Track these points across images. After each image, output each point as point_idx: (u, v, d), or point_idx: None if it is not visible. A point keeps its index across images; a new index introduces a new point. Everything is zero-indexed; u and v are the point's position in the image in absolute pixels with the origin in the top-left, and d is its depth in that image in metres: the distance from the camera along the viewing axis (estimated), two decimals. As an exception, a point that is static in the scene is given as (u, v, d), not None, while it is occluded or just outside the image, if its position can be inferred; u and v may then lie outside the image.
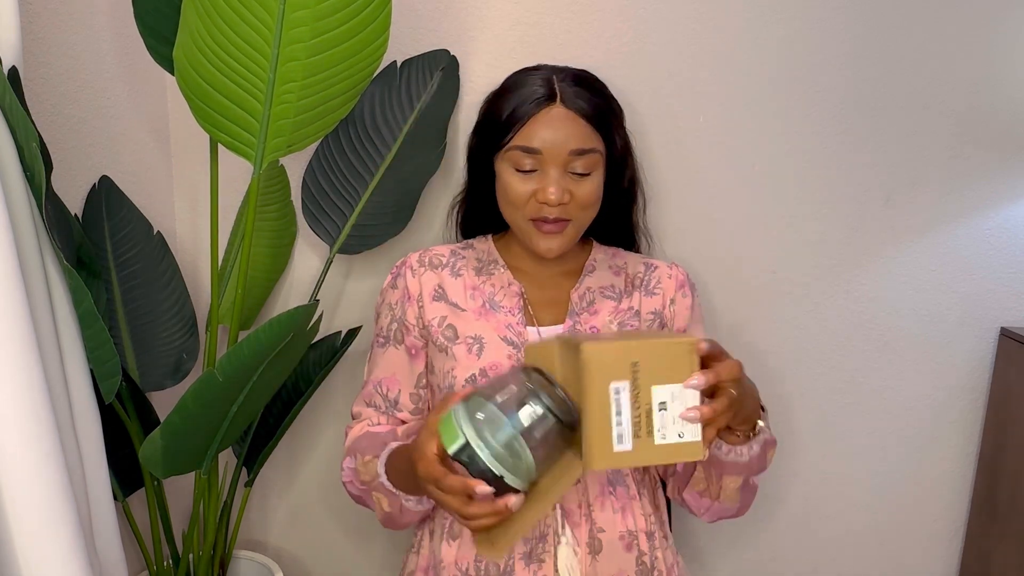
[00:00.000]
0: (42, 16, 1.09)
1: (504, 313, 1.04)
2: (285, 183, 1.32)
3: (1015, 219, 1.32)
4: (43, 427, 0.84)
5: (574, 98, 0.99)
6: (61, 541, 0.86)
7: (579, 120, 0.98)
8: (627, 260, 1.12)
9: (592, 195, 1.00)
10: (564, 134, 0.97)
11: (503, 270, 1.08)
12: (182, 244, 1.42)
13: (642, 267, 1.11)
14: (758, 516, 1.47)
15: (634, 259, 1.13)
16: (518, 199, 0.99)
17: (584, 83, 1.01)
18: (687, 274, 1.11)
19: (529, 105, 0.98)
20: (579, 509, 0.99)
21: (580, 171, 0.98)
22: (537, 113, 0.98)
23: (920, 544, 1.46)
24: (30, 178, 0.90)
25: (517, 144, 0.98)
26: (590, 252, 1.12)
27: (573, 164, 0.98)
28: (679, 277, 1.10)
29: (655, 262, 1.12)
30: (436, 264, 1.08)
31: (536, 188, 0.98)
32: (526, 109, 0.98)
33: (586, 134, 0.99)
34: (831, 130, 1.31)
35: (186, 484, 1.47)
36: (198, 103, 1.02)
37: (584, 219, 1.02)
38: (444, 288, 1.06)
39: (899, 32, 1.27)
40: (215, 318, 1.15)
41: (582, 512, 0.99)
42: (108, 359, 1.00)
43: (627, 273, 1.10)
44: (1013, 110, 1.28)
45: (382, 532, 1.52)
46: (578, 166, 0.98)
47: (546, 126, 0.97)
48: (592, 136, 0.99)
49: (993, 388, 1.37)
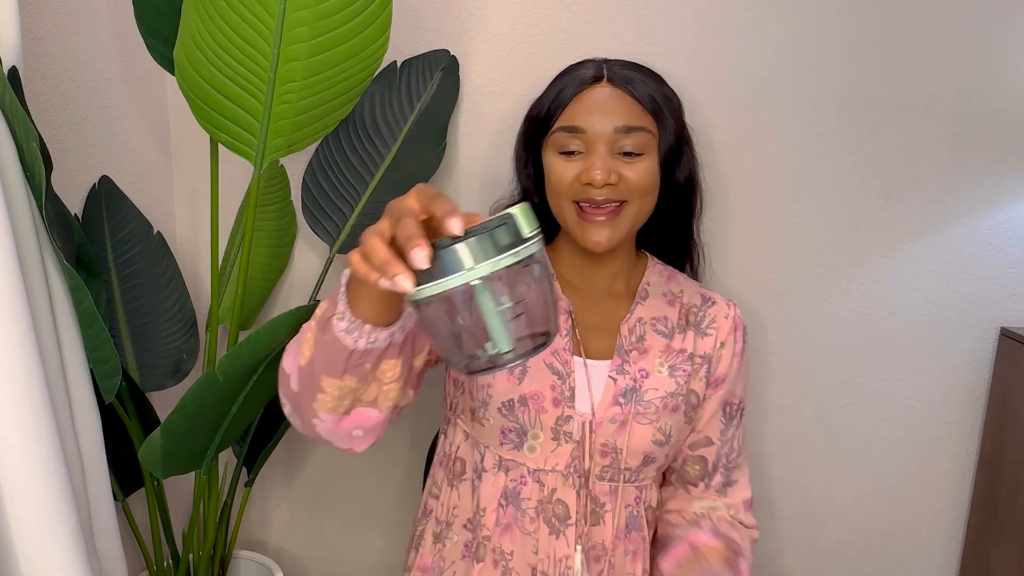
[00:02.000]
0: (42, 16, 1.09)
1: None
2: (285, 183, 1.32)
3: (1015, 219, 1.32)
4: (43, 427, 0.84)
5: (622, 77, 0.93)
6: (61, 541, 0.86)
7: (627, 98, 0.92)
8: (683, 288, 1.04)
9: (645, 178, 0.92)
10: (610, 111, 0.90)
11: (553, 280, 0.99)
12: (182, 244, 1.42)
13: (699, 300, 1.03)
14: (758, 516, 1.47)
15: (691, 288, 1.05)
16: (561, 183, 0.92)
17: (637, 67, 0.96)
18: (741, 316, 1.05)
19: (574, 86, 0.93)
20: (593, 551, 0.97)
21: (630, 151, 0.91)
22: (582, 92, 0.92)
23: (920, 544, 1.46)
24: (30, 178, 0.90)
25: (560, 126, 0.92)
26: (644, 272, 1.04)
27: (622, 143, 0.90)
28: (736, 319, 1.03)
29: (713, 295, 1.04)
30: None
31: (581, 170, 0.91)
32: (570, 90, 0.93)
33: (635, 112, 0.91)
34: (831, 130, 1.31)
35: (186, 484, 1.47)
36: (198, 103, 1.02)
37: (637, 209, 0.93)
38: None
39: (899, 32, 1.27)
40: (215, 318, 1.15)
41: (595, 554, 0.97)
42: (108, 359, 1.00)
43: (682, 303, 1.02)
44: (1013, 110, 1.28)
45: (382, 532, 1.52)
46: (628, 145, 0.90)
47: (591, 104, 0.91)
48: (642, 115, 0.92)
49: (993, 388, 1.37)
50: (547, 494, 0.96)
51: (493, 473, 0.98)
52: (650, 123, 0.93)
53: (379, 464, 1.50)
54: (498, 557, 0.97)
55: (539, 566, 0.96)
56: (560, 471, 0.96)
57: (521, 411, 0.95)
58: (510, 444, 0.96)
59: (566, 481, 0.96)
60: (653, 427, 0.96)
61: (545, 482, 0.96)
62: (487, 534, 0.98)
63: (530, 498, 0.96)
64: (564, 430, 0.95)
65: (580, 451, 0.95)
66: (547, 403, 0.95)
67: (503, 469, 0.97)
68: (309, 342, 0.75)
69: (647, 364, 0.98)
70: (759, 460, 1.44)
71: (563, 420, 0.95)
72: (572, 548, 0.96)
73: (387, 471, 1.50)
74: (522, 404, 0.94)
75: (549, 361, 0.96)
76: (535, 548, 0.96)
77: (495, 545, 0.98)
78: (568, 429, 0.95)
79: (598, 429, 0.95)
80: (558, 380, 0.95)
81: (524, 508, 0.96)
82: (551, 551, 0.96)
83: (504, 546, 0.97)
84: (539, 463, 0.96)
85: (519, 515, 0.96)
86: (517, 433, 0.96)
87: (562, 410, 0.95)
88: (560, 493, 0.96)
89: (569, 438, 0.95)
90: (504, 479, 0.97)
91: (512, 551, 0.97)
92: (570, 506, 0.96)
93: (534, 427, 0.95)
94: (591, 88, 0.93)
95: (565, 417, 0.95)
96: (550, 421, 0.95)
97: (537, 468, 0.96)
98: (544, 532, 0.96)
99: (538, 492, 0.96)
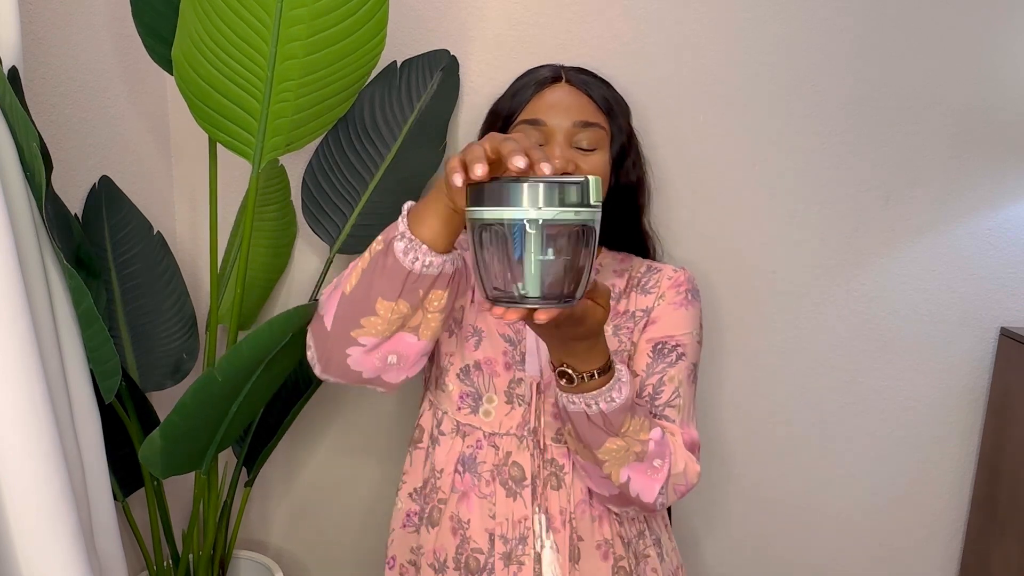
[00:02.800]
0: (42, 16, 1.09)
1: None
2: (285, 183, 1.32)
3: (1015, 219, 1.32)
4: (43, 427, 0.85)
5: (579, 80, 1.01)
6: (61, 541, 0.86)
7: (584, 96, 1.00)
8: (633, 263, 1.10)
9: (598, 170, 0.99)
10: (568, 107, 0.98)
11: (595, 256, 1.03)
12: (182, 244, 1.42)
13: (644, 268, 1.08)
14: (758, 516, 1.47)
15: (640, 263, 1.10)
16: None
17: (590, 73, 1.04)
18: (691, 278, 1.06)
19: (535, 85, 1.00)
20: (560, 516, 0.99)
21: (586, 146, 0.98)
22: (542, 91, 1.00)
23: (920, 544, 1.46)
24: (30, 178, 0.90)
25: (523, 119, 0.99)
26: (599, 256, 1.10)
27: (578, 138, 0.98)
28: (679, 279, 1.05)
29: (661, 266, 1.08)
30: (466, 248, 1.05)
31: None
32: (532, 89, 1.00)
33: (591, 109, 0.99)
34: (831, 130, 1.30)
35: (186, 484, 1.47)
36: (196, 102, 1.02)
37: None
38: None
39: (899, 32, 1.26)
40: (215, 318, 1.16)
41: (563, 519, 0.99)
42: (108, 359, 1.00)
43: (630, 275, 1.07)
44: (1013, 110, 1.28)
45: (382, 532, 1.52)
46: (583, 140, 0.98)
47: (551, 100, 0.99)
48: (597, 113, 1.00)
49: (993, 388, 1.37)
50: (502, 457, 1.00)
51: (451, 437, 1.02)
52: (604, 121, 1.01)
53: (379, 464, 1.50)
54: (456, 525, 1.01)
55: (497, 530, 0.99)
56: (514, 434, 1.00)
57: (476, 375, 1.01)
58: (467, 408, 1.01)
59: (520, 443, 1.00)
60: None
61: (500, 445, 1.00)
62: (443, 497, 1.02)
63: (486, 461, 1.00)
64: (516, 392, 1.00)
65: (530, 411, 0.99)
66: (499, 367, 1.00)
67: (460, 434, 1.02)
68: (358, 271, 0.84)
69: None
70: (759, 460, 1.44)
71: (515, 383, 1.00)
72: (530, 510, 0.98)
73: (387, 471, 1.50)
74: (477, 369, 1.01)
75: (503, 331, 1.01)
76: (492, 512, 0.99)
77: (452, 512, 1.01)
78: (520, 392, 1.00)
79: (547, 390, 0.99)
80: (510, 347, 1.01)
81: (480, 472, 1.00)
82: (509, 513, 0.99)
83: (461, 514, 1.01)
84: (494, 427, 1.00)
85: (475, 480, 1.00)
86: (473, 398, 1.01)
87: (513, 373, 1.00)
88: (515, 456, 1.00)
89: (522, 400, 1.00)
90: (461, 444, 1.01)
91: (469, 519, 1.00)
92: (525, 468, 0.99)
93: (488, 391, 1.00)
94: (551, 87, 1.00)
95: (516, 380, 1.00)
96: (503, 385, 1.00)
97: (492, 432, 1.00)
98: (501, 494, 0.99)
99: (493, 456, 1.00)
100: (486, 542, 1.00)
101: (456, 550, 1.01)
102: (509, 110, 1.01)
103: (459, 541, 1.01)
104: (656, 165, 1.31)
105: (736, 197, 1.34)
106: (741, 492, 1.46)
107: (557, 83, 1.00)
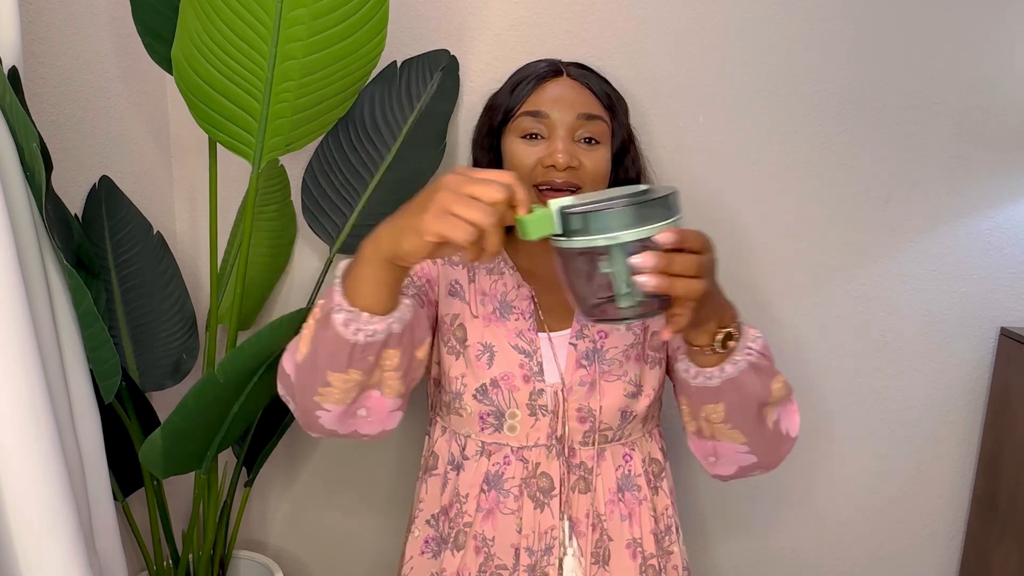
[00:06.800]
0: (42, 16, 1.09)
1: (515, 319, 1.00)
2: (285, 183, 1.32)
3: (1015, 219, 1.32)
4: (43, 427, 0.85)
5: (579, 74, 1.00)
6: (61, 541, 0.86)
7: (585, 90, 0.99)
8: None
9: (600, 165, 0.98)
10: (572, 100, 0.97)
11: (512, 272, 1.03)
12: (182, 244, 1.42)
13: None
14: (758, 515, 1.47)
15: None
16: (524, 167, 0.97)
17: (589, 69, 1.03)
18: None
19: (536, 78, 0.99)
20: (586, 519, 0.98)
21: (589, 137, 0.97)
22: (543, 84, 0.99)
23: (920, 544, 1.46)
24: (30, 178, 0.90)
25: (525, 111, 0.98)
26: None
27: (581, 130, 0.97)
28: None
29: None
30: (454, 261, 1.04)
31: (543, 155, 0.96)
32: (532, 82, 0.99)
33: (593, 103, 0.99)
34: (831, 130, 1.30)
35: (186, 484, 1.47)
36: (196, 102, 1.02)
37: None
38: (460, 286, 1.02)
39: (899, 32, 1.27)
40: (215, 318, 1.16)
41: (589, 522, 0.98)
42: (108, 359, 1.00)
43: None
44: (1013, 110, 1.28)
45: (382, 532, 1.53)
46: (587, 132, 0.97)
47: (553, 94, 0.98)
48: (599, 107, 0.99)
49: (993, 388, 1.37)
50: (531, 469, 0.98)
51: (475, 460, 1.00)
52: (606, 115, 1.00)
53: (379, 464, 1.50)
54: (480, 544, 1.00)
55: (523, 543, 0.98)
56: (543, 444, 0.98)
57: (495, 393, 0.98)
58: (490, 428, 0.99)
59: (549, 453, 0.98)
60: (622, 382, 0.99)
61: (529, 458, 0.99)
62: (468, 520, 1.00)
63: (514, 477, 0.99)
64: (539, 404, 0.98)
65: (556, 420, 0.98)
66: (518, 380, 0.98)
67: (485, 454, 1.00)
68: (307, 339, 0.79)
69: (604, 325, 1.02)
70: (759, 460, 1.44)
71: (536, 394, 0.98)
72: (556, 519, 0.97)
73: (387, 471, 1.50)
74: (494, 387, 0.98)
75: (515, 343, 0.99)
76: (519, 527, 0.98)
77: (476, 532, 1.00)
78: (542, 402, 0.98)
79: (569, 396, 0.98)
80: (525, 358, 0.99)
81: (507, 489, 0.99)
82: (535, 525, 0.98)
83: (486, 532, 0.99)
84: (521, 440, 0.99)
85: (501, 497, 0.99)
86: (495, 415, 0.99)
87: (533, 385, 0.98)
88: (544, 466, 0.98)
89: (545, 411, 0.98)
90: (487, 464, 1.00)
91: (494, 536, 0.99)
92: (553, 477, 0.98)
93: (510, 406, 0.98)
94: (552, 80, 0.99)
95: (538, 391, 0.98)
96: (524, 398, 0.98)
97: (520, 446, 0.99)
98: (528, 507, 0.98)
99: (522, 470, 0.99)
100: (511, 557, 0.98)
101: (479, 568, 0.99)
102: (509, 104, 1.00)
103: (483, 559, 0.99)
104: (655, 166, 1.31)
105: (736, 197, 1.34)
106: (741, 492, 1.46)
107: (558, 77, 0.99)
